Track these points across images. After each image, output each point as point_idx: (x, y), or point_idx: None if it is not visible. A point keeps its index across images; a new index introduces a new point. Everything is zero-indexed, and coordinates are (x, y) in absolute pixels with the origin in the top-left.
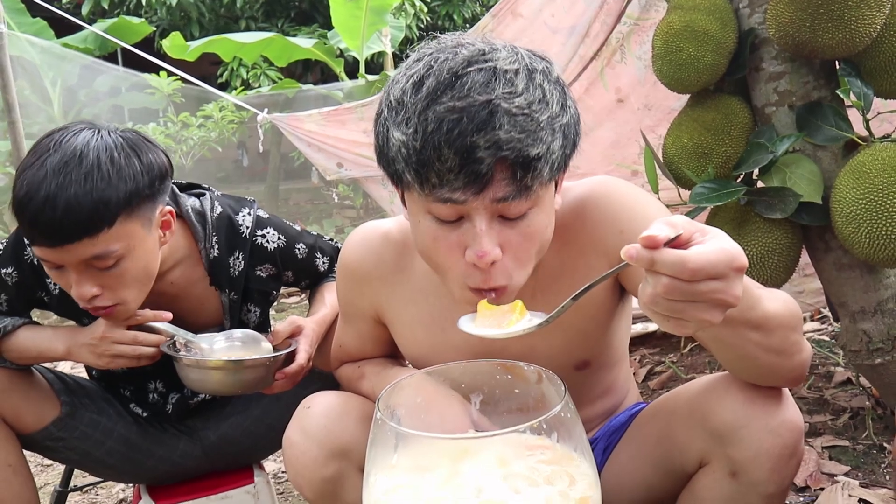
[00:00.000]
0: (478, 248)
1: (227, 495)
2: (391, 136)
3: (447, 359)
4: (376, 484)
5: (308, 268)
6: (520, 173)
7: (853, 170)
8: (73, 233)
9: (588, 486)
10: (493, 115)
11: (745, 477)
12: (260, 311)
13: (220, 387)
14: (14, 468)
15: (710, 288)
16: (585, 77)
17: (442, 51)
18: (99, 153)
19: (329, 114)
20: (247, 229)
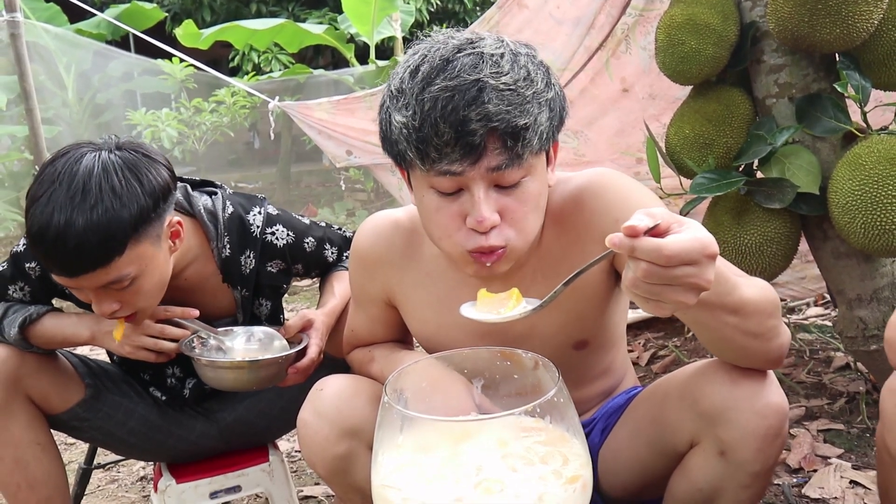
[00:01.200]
0: (477, 215)
1: (243, 473)
2: (393, 120)
3: (454, 338)
4: (383, 463)
5: (318, 259)
6: (510, 142)
7: (850, 161)
8: (86, 265)
9: (580, 465)
10: (481, 91)
11: (733, 456)
12: (271, 304)
13: (235, 384)
14: (43, 446)
15: (685, 273)
16: (591, 67)
17: (434, 43)
18: (101, 182)
19: (339, 102)
20: (257, 228)
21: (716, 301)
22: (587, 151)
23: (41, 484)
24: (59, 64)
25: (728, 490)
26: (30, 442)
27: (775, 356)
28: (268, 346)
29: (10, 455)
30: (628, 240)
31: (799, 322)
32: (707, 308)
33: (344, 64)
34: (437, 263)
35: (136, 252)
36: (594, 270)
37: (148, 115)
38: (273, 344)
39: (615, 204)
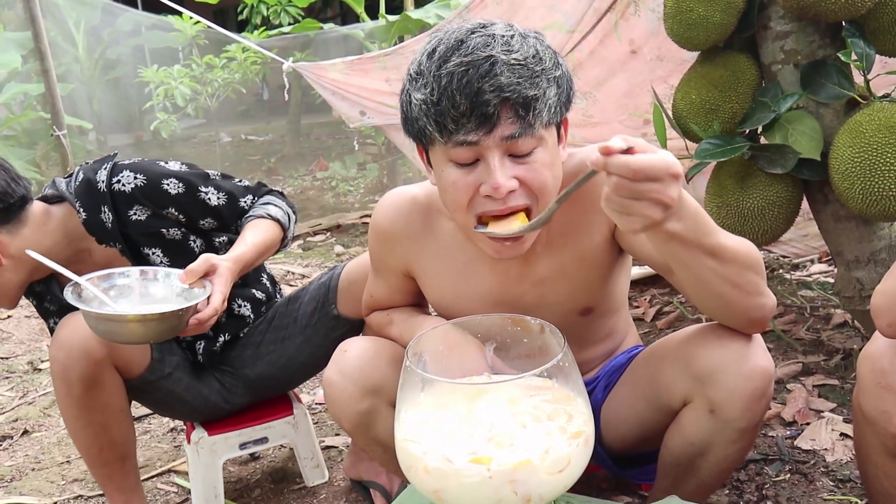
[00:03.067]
0: (493, 182)
1: (269, 425)
2: (413, 99)
3: (469, 305)
4: (406, 420)
5: (195, 203)
6: (522, 111)
7: (851, 129)
8: None
9: (583, 422)
10: (493, 65)
11: (722, 414)
12: (162, 250)
13: (131, 338)
14: (125, 412)
15: (649, 188)
16: (600, 29)
17: (449, 28)
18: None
19: (353, 63)
20: (103, 182)
21: (692, 239)
22: (595, 112)
23: (119, 445)
24: (68, 20)
25: (717, 444)
26: (116, 409)
27: (757, 316)
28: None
29: (99, 421)
30: (603, 157)
31: (802, 279)
32: (685, 245)
33: (353, 15)
34: (453, 237)
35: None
36: (600, 245)
37: (160, 73)
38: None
39: None
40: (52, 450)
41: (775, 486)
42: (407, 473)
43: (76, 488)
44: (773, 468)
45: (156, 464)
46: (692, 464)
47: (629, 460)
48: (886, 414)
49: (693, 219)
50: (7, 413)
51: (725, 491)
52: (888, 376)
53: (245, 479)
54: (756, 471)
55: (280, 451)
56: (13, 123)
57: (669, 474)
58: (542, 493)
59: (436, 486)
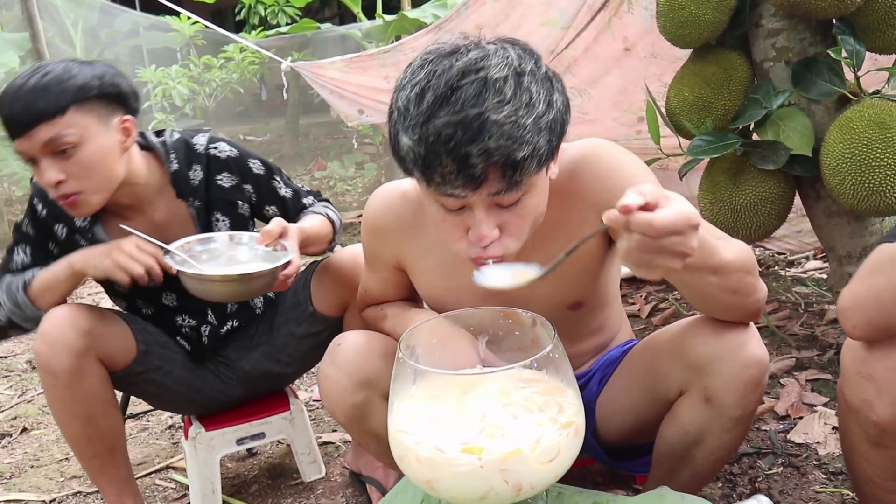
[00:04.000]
0: (478, 233)
1: (267, 421)
2: (401, 139)
3: (459, 299)
4: (399, 411)
5: (268, 187)
6: (509, 173)
7: (841, 125)
8: (32, 119)
9: (574, 413)
10: (483, 126)
11: (717, 402)
12: (230, 223)
13: (224, 297)
14: (110, 403)
15: (672, 242)
16: (594, 26)
17: (442, 58)
18: (58, 67)
19: (351, 60)
20: (201, 146)
21: (700, 264)
22: (590, 109)
23: (107, 436)
24: (66, 20)
25: (712, 433)
26: (101, 400)
27: (753, 309)
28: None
29: (85, 413)
30: (623, 216)
31: (797, 275)
32: (692, 270)
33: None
34: None
35: (77, 119)
36: (591, 240)
37: (158, 73)
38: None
39: (608, 175)
40: (50, 447)
41: (768, 479)
42: (400, 464)
43: (75, 485)
44: (766, 461)
45: (154, 460)
46: (687, 453)
47: (623, 453)
48: (868, 403)
49: (699, 247)
50: (6, 411)
51: (719, 484)
52: (869, 365)
53: (242, 474)
54: (749, 464)
55: (277, 447)
56: None
57: (664, 464)
58: (532, 483)
59: (428, 476)
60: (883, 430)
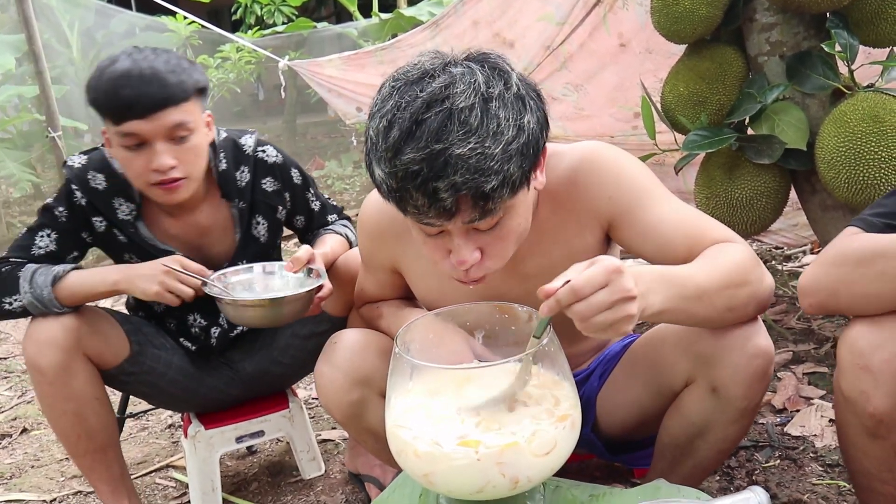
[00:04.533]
0: (457, 258)
1: (266, 419)
2: (374, 168)
3: (455, 301)
4: (396, 406)
5: (303, 199)
6: (481, 203)
7: (835, 118)
8: (162, 101)
9: (569, 406)
10: (447, 163)
11: (724, 393)
12: (267, 226)
13: (260, 321)
14: (100, 401)
15: (605, 294)
16: (589, 22)
17: (410, 86)
18: (169, 54)
19: (349, 58)
20: (249, 148)
21: (676, 302)
22: (586, 105)
23: (98, 434)
24: (62, 22)
25: (718, 424)
26: (90, 398)
27: (760, 307)
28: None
29: (73, 409)
30: (552, 300)
31: (794, 269)
32: (674, 311)
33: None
34: None
35: (194, 107)
36: (591, 245)
37: None
38: (287, 279)
39: (608, 181)
40: (50, 447)
41: (765, 472)
42: (398, 458)
43: (75, 484)
44: (764, 454)
45: (154, 459)
46: (691, 444)
47: (622, 447)
48: (865, 394)
49: (664, 286)
50: (6, 412)
51: (716, 477)
52: (866, 357)
53: (242, 472)
54: (746, 457)
55: (277, 445)
56: (8, 126)
57: (667, 456)
58: (529, 476)
59: (426, 470)
60: (879, 421)
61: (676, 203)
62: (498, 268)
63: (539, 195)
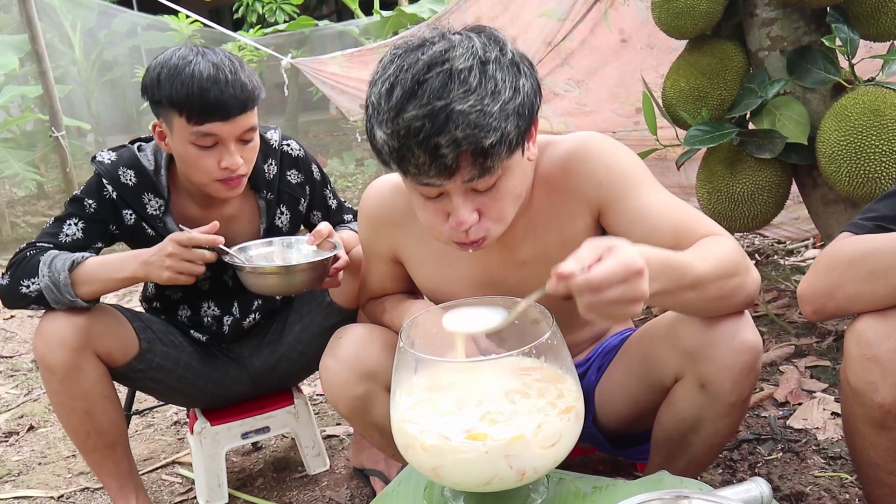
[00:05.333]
0: (457, 219)
1: (271, 415)
2: (375, 133)
3: (455, 289)
4: (401, 400)
5: (321, 194)
6: (480, 160)
7: (836, 113)
8: (244, 105)
9: (573, 398)
10: (449, 118)
11: (712, 388)
12: (290, 217)
13: (278, 289)
14: (109, 399)
15: (618, 292)
16: (590, 18)
17: (409, 52)
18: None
19: (353, 55)
20: (276, 141)
21: (674, 289)
22: (588, 101)
23: (107, 431)
24: (64, 22)
25: (708, 419)
26: (99, 395)
27: (747, 301)
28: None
29: (82, 407)
30: (562, 283)
31: (796, 264)
32: (668, 295)
33: (347, 12)
34: None
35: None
36: (583, 230)
37: None
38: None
39: (598, 169)
40: (57, 444)
41: (768, 465)
42: (404, 453)
43: (82, 481)
44: (766, 447)
45: (160, 456)
46: (684, 439)
47: (625, 441)
48: (873, 385)
49: (665, 272)
50: (13, 410)
51: (719, 470)
52: (873, 347)
53: (248, 468)
54: (749, 450)
55: (282, 441)
56: (12, 126)
57: (662, 451)
58: (536, 467)
59: (434, 464)
60: (887, 411)
61: (666, 195)
62: (496, 232)
63: (534, 182)
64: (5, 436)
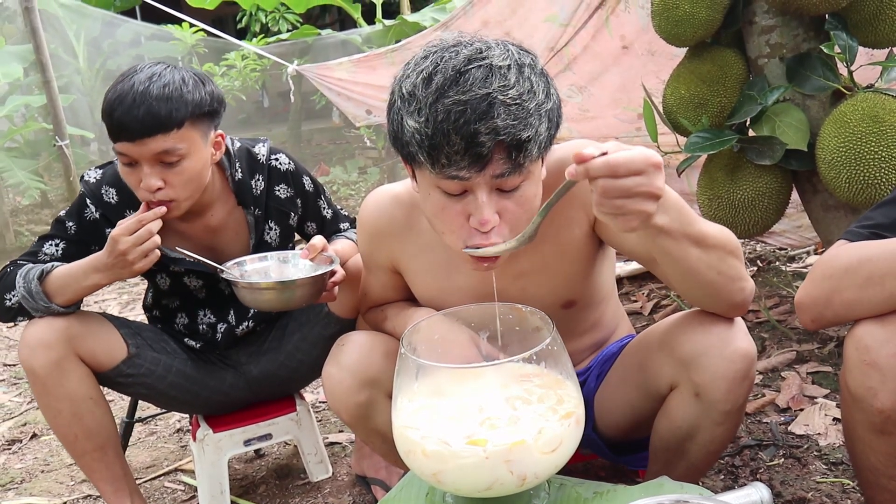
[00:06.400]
0: (480, 217)
1: (274, 422)
2: (405, 123)
3: (453, 299)
4: (403, 406)
5: (315, 205)
6: (514, 153)
7: (836, 119)
8: (149, 129)
9: (574, 405)
10: (491, 106)
11: (706, 396)
12: (279, 232)
13: (274, 304)
14: (94, 400)
15: (635, 182)
16: (592, 24)
17: (446, 49)
18: (174, 76)
19: (359, 61)
20: (263, 156)
21: (678, 229)
22: (591, 107)
23: (95, 434)
24: (68, 32)
25: (703, 427)
26: (83, 397)
27: (739, 299)
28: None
29: (67, 409)
30: (582, 166)
31: (797, 270)
32: (672, 236)
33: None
34: (434, 234)
35: (188, 134)
36: (580, 239)
37: None
38: (302, 266)
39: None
40: (60, 452)
41: (769, 471)
42: (406, 459)
43: (85, 488)
44: (768, 453)
45: (162, 463)
46: (681, 447)
47: (625, 447)
48: (872, 390)
49: (676, 210)
50: (16, 418)
51: (721, 476)
52: (872, 353)
53: (250, 475)
54: (751, 456)
55: (284, 448)
56: (16, 135)
57: (660, 459)
58: (536, 472)
59: (435, 469)
60: (887, 417)
61: None
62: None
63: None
64: (8, 444)
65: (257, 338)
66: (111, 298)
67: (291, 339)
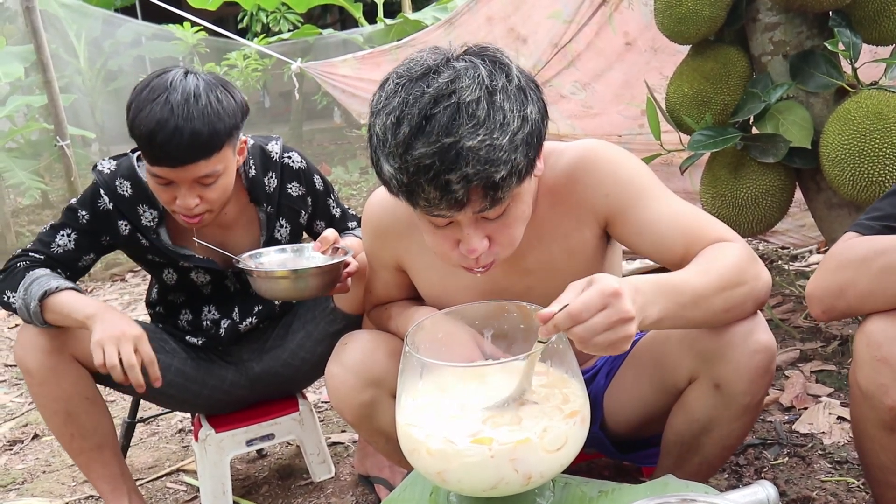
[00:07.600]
0: (467, 247)
1: (276, 422)
2: (383, 165)
3: (458, 297)
4: (407, 405)
5: (324, 204)
6: (491, 192)
7: (839, 116)
8: (193, 156)
9: (579, 403)
10: (458, 155)
11: (727, 389)
12: (289, 230)
13: (288, 293)
14: (91, 400)
15: (604, 317)
16: (595, 21)
17: (414, 83)
18: (209, 95)
19: (364, 57)
20: (276, 154)
21: (672, 308)
22: (595, 103)
23: (91, 433)
24: (69, 31)
25: (722, 420)
26: (79, 396)
27: (758, 305)
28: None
29: (63, 409)
30: (550, 324)
31: (800, 269)
32: (672, 318)
33: (352, 21)
34: None
35: (225, 153)
36: (589, 240)
37: None
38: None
39: (606, 179)
40: (61, 453)
41: (774, 470)
42: (410, 458)
43: (87, 489)
44: (772, 452)
45: (165, 464)
46: (696, 441)
47: (630, 445)
48: (883, 387)
49: (660, 295)
50: (17, 418)
51: (725, 475)
52: (883, 349)
53: (253, 476)
54: (755, 455)
55: (287, 448)
56: (17, 135)
57: (673, 453)
58: (542, 471)
59: (439, 468)
60: None
61: (675, 201)
62: (507, 254)
63: (538, 191)
64: (10, 444)
65: (260, 335)
66: (112, 298)
67: (295, 336)
